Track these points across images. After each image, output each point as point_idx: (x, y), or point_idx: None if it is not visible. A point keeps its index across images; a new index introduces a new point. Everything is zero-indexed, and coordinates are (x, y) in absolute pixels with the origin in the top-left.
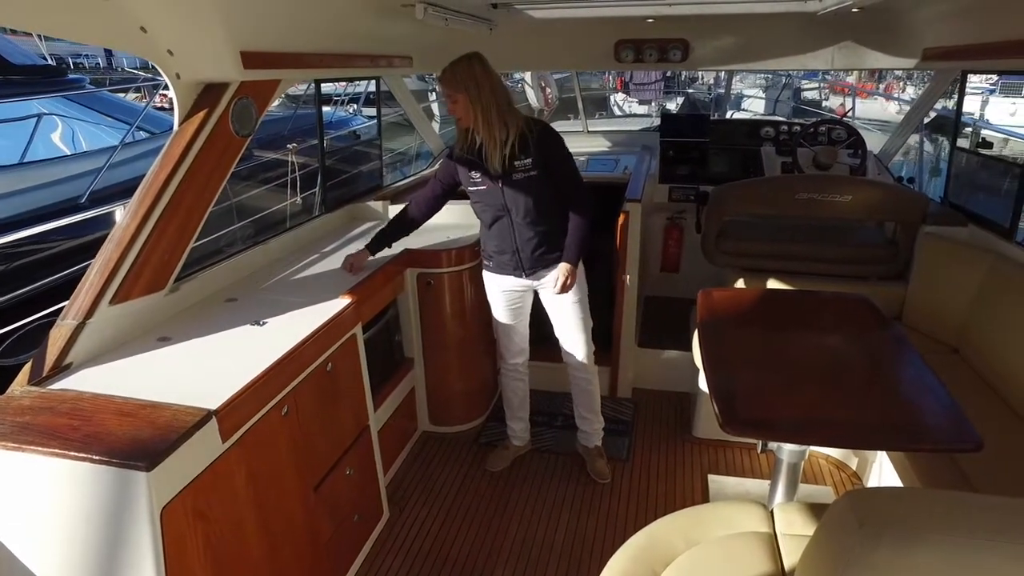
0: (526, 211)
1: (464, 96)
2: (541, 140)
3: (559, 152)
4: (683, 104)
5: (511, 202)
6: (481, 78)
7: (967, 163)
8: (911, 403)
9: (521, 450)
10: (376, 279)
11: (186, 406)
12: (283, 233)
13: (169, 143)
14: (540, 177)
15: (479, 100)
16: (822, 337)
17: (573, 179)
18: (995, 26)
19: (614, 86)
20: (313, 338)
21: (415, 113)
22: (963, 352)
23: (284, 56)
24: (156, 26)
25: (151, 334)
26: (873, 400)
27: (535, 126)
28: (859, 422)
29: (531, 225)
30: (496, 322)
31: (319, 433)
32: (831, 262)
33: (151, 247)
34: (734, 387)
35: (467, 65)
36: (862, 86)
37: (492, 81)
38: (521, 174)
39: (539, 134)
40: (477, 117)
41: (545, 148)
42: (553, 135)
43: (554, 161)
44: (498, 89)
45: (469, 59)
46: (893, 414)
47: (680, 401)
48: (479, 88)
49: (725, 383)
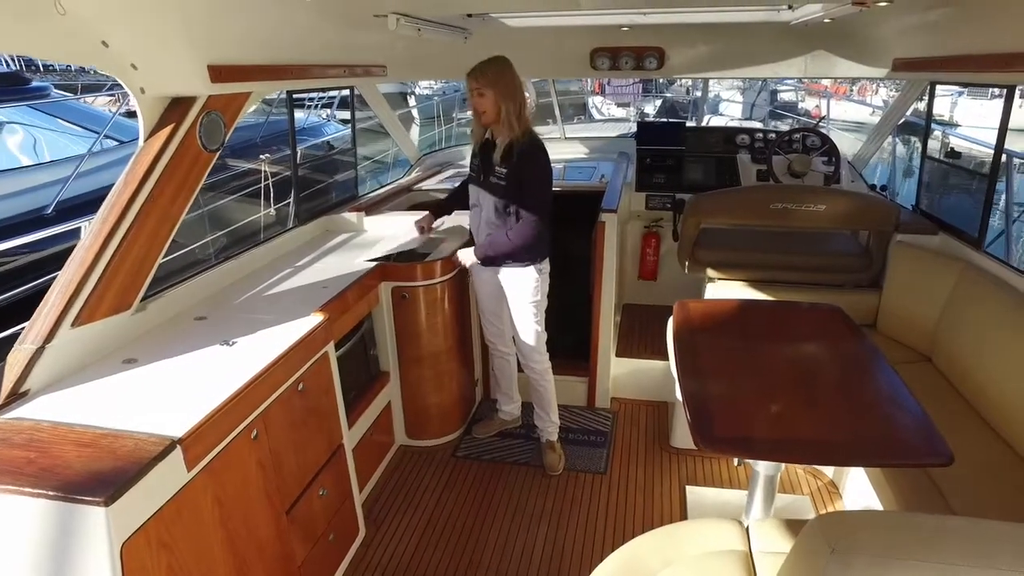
0: (489, 210)
1: (492, 93)
2: (520, 158)
3: (530, 175)
4: (661, 107)
5: (483, 198)
6: (510, 81)
7: (936, 172)
8: (883, 417)
9: (508, 424)
10: (350, 294)
11: (149, 435)
12: (255, 247)
13: (134, 159)
14: (508, 188)
15: (504, 100)
16: (796, 348)
17: (528, 204)
18: (960, 40)
19: (592, 89)
20: (284, 358)
21: (389, 120)
22: (935, 360)
23: (254, 68)
24: (118, 40)
25: (116, 356)
26: (846, 415)
27: (526, 142)
28: (832, 439)
29: (489, 223)
30: (474, 299)
31: (291, 455)
32: (806, 271)
33: (116, 266)
34: (709, 403)
35: (501, 66)
36: (836, 89)
37: (517, 85)
38: (496, 178)
39: (522, 153)
40: (500, 115)
41: (521, 168)
42: (532, 157)
43: (522, 180)
44: (519, 95)
45: (502, 62)
46: (865, 429)
47: (658, 410)
48: (508, 88)
49: (700, 399)
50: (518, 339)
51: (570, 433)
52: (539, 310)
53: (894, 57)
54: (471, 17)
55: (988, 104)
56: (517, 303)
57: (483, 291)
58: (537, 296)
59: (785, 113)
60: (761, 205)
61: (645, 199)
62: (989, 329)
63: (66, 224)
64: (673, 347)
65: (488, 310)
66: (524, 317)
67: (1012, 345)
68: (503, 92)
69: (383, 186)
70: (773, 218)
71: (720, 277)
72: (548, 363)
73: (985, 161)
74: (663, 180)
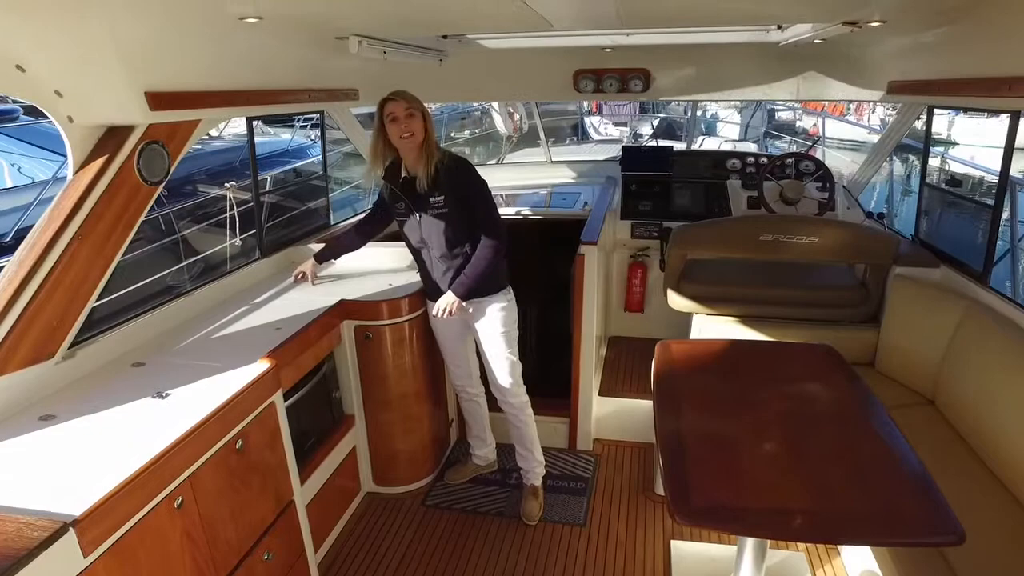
0: (439, 246)
1: (421, 116)
2: (452, 176)
3: (470, 188)
4: (658, 126)
5: (427, 236)
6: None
7: (937, 200)
8: (884, 483)
9: (483, 469)
10: (307, 335)
11: (39, 515)
12: (210, 282)
13: (60, 195)
14: (452, 214)
15: (431, 123)
16: (786, 396)
17: (483, 214)
18: (959, 62)
19: (589, 108)
20: (218, 414)
21: (364, 144)
22: (938, 404)
23: (203, 95)
24: (37, 63)
25: (32, 412)
26: (841, 480)
27: (449, 161)
28: (827, 511)
29: (445, 259)
30: (439, 342)
31: (226, 521)
32: (799, 305)
33: (35, 312)
34: (688, 467)
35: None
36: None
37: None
38: (434, 210)
39: (451, 171)
40: (426, 138)
41: (456, 185)
42: (464, 170)
43: (465, 196)
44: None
45: None
46: (864, 500)
47: (644, 453)
48: (427, 114)
49: (678, 461)
50: (493, 375)
51: (549, 479)
52: (513, 339)
53: (889, 80)
54: (447, 39)
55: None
56: (489, 336)
57: (446, 332)
58: (510, 324)
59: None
60: (750, 237)
61: (631, 227)
62: (997, 372)
63: None
64: (653, 397)
65: (453, 352)
66: (497, 349)
67: (1023, 391)
68: (429, 117)
69: (357, 214)
70: (763, 251)
71: (708, 312)
72: (526, 396)
73: (988, 186)
74: (649, 207)
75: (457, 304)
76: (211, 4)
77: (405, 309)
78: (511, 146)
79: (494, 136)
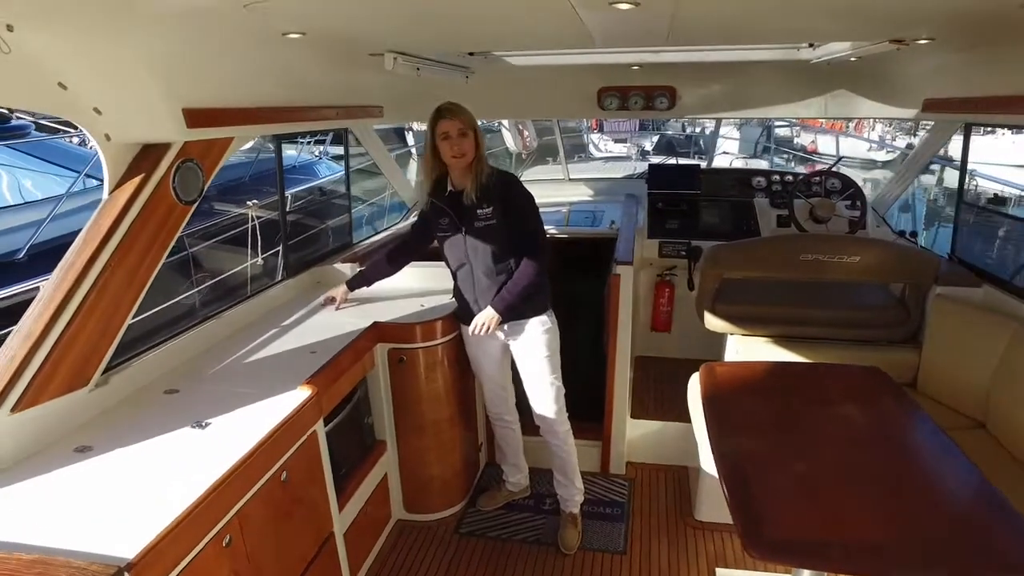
0: (484, 261)
1: (473, 134)
2: (502, 189)
3: (519, 200)
4: (659, 143)
5: (472, 251)
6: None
7: (975, 218)
8: (967, 511)
9: (515, 495)
10: (342, 360)
11: (91, 557)
12: (237, 304)
13: (96, 214)
14: (500, 226)
15: (482, 139)
16: (840, 420)
17: (530, 228)
18: (1001, 79)
19: (589, 126)
20: (264, 445)
21: (385, 162)
22: (990, 427)
23: (236, 112)
24: (79, 81)
25: (68, 442)
26: (920, 508)
27: (501, 176)
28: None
29: (489, 275)
30: (474, 367)
31: (271, 557)
32: (837, 326)
33: (71, 338)
34: (753, 494)
35: (467, 109)
36: (831, 125)
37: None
38: (482, 222)
39: (500, 183)
40: (477, 155)
41: (506, 196)
42: (514, 183)
43: (514, 210)
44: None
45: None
46: (951, 529)
47: (678, 476)
48: (479, 131)
49: (742, 489)
50: (534, 402)
51: (584, 504)
52: (556, 364)
53: (925, 97)
54: (473, 55)
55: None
56: (530, 359)
57: (484, 355)
58: (553, 347)
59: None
60: (791, 256)
61: (658, 246)
62: None
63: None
64: (705, 422)
65: (491, 376)
66: (539, 374)
67: None
68: (480, 133)
69: (378, 232)
70: (803, 270)
71: (743, 332)
72: (568, 423)
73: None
74: (677, 226)
75: (496, 320)
76: (256, 20)
77: (439, 332)
78: (531, 162)
79: (498, 155)
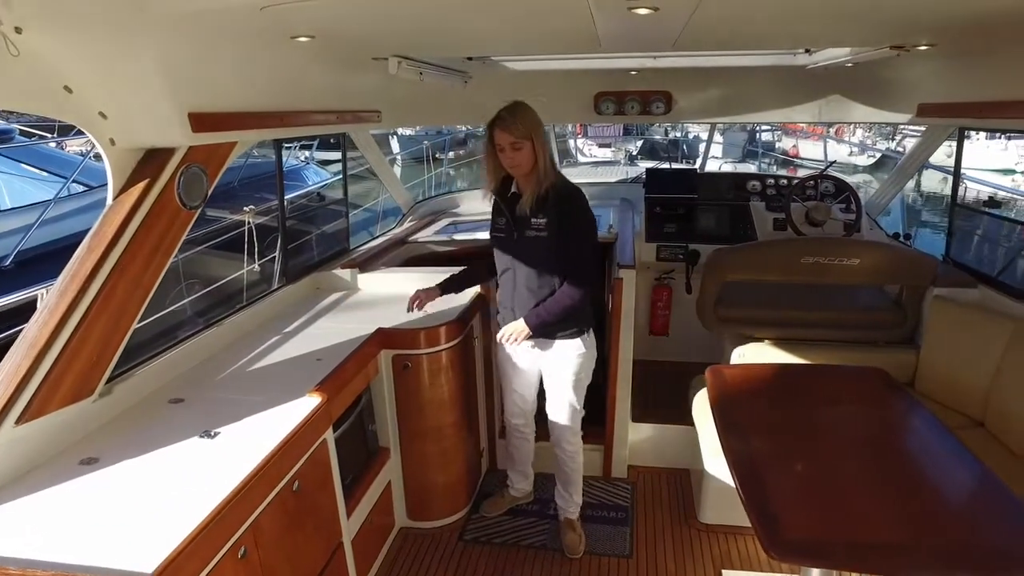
0: (528, 272)
1: (530, 144)
2: (562, 203)
3: (574, 220)
4: (643, 147)
5: (519, 258)
6: (540, 126)
7: (970, 221)
8: (983, 511)
9: (519, 500)
10: (349, 366)
11: (111, 572)
12: (239, 311)
13: (100, 221)
14: (550, 239)
15: (541, 148)
16: (848, 421)
17: (579, 251)
18: (995, 84)
19: (574, 130)
20: (277, 454)
21: (380, 165)
22: (989, 426)
23: (240, 116)
24: (85, 85)
25: (73, 454)
26: (931, 505)
27: (562, 188)
28: (929, 540)
29: (530, 287)
30: (498, 374)
31: (284, 568)
32: (835, 327)
33: (76, 347)
34: (769, 496)
35: (529, 112)
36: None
37: (544, 128)
38: (534, 232)
39: (562, 197)
40: (536, 165)
41: (563, 212)
42: (576, 200)
43: (568, 228)
44: (548, 139)
45: (527, 107)
46: (971, 530)
47: (680, 479)
48: (542, 135)
49: (758, 490)
50: (553, 417)
51: (588, 509)
52: (583, 388)
53: (919, 102)
54: (472, 60)
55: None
56: (558, 378)
57: (514, 368)
58: (584, 371)
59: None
60: (792, 260)
61: (656, 250)
62: None
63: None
64: (715, 425)
65: (517, 385)
66: (564, 395)
67: None
68: (541, 141)
69: (375, 237)
70: (804, 273)
71: (744, 335)
72: (580, 444)
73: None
74: (674, 230)
75: (525, 334)
76: (268, 22)
77: (443, 337)
78: None
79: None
